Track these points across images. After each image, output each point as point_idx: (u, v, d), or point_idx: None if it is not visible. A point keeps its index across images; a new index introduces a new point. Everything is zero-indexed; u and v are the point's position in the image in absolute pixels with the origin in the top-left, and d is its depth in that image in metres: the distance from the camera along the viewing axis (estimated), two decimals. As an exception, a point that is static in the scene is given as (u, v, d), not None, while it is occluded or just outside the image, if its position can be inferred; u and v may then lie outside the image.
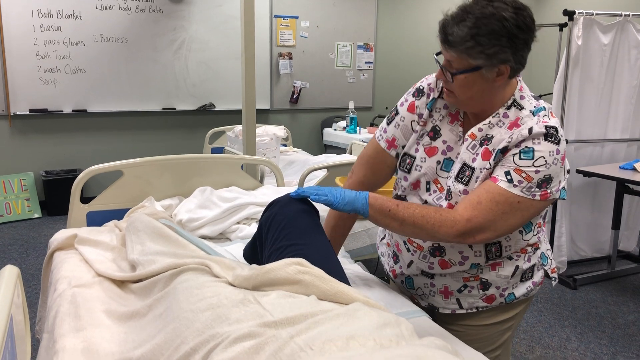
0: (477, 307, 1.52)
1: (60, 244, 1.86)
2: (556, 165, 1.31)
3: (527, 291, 1.52)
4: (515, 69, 1.32)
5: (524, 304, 1.58)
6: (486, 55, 1.27)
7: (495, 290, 1.49)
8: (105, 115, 5.39)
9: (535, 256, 1.51)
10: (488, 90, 1.34)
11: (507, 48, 1.26)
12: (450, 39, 1.28)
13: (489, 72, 1.30)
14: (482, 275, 1.47)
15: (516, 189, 1.30)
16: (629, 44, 3.71)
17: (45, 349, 1.33)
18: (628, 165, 3.44)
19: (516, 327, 1.64)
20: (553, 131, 1.30)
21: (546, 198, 1.32)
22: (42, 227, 4.77)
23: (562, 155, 1.32)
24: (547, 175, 1.30)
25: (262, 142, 3.72)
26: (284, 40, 5.96)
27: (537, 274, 1.53)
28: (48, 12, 4.93)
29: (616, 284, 3.67)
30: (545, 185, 1.31)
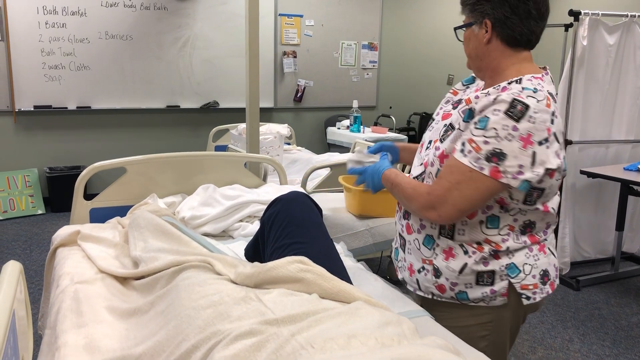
0: (431, 292, 1.50)
1: (63, 240, 1.87)
2: (510, 142, 1.26)
3: (484, 297, 1.43)
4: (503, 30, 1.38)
5: (492, 314, 1.47)
6: (469, 7, 1.41)
7: (445, 281, 1.46)
8: (109, 112, 5.40)
9: (498, 263, 1.41)
10: (481, 50, 1.42)
11: (486, 1, 1.37)
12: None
13: (478, 28, 1.41)
14: (435, 262, 1.46)
15: (466, 159, 1.30)
16: (635, 44, 3.70)
17: (47, 345, 1.33)
18: (632, 166, 3.43)
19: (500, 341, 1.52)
20: (520, 106, 1.26)
21: (497, 177, 1.28)
22: (45, 223, 4.78)
23: (523, 136, 1.26)
24: (498, 149, 1.27)
25: (266, 140, 3.72)
26: (288, 38, 5.96)
27: (499, 284, 1.41)
28: (53, 9, 4.94)
29: (619, 286, 3.66)
30: (495, 161, 1.27)
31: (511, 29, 1.37)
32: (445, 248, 1.44)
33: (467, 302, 1.45)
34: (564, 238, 3.74)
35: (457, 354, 0.94)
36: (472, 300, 1.44)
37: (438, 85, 6.87)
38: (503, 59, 1.41)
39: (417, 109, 6.82)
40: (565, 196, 3.70)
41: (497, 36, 1.38)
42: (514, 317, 1.48)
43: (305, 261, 1.20)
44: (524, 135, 1.26)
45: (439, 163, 1.40)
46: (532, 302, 1.43)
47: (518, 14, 1.35)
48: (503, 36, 1.38)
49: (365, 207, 2.37)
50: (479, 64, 1.45)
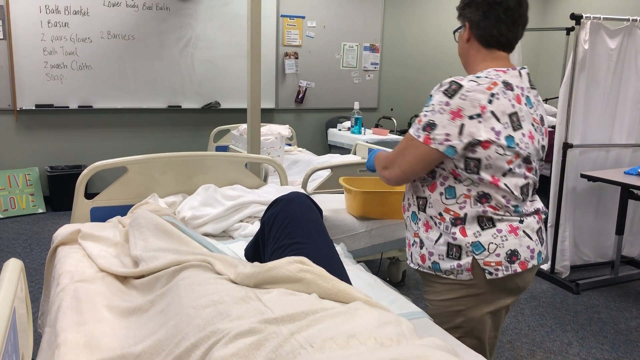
0: (417, 263, 1.68)
1: (63, 239, 1.87)
2: (442, 115, 1.49)
3: (452, 269, 1.58)
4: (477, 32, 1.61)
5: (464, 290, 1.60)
6: (459, 12, 1.67)
7: (425, 251, 1.64)
8: (110, 112, 5.41)
9: (464, 239, 1.55)
10: (462, 49, 1.69)
11: (468, 6, 1.62)
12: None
13: (463, 31, 1.67)
14: (420, 234, 1.66)
15: (412, 130, 1.56)
16: (636, 49, 3.70)
17: (47, 343, 1.33)
18: (633, 170, 3.43)
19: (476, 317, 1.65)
20: (454, 86, 1.49)
21: (428, 143, 1.51)
22: (46, 222, 4.79)
23: (453, 110, 1.48)
24: (431, 120, 1.50)
25: (267, 141, 3.73)
26: (290, 39, 5.97)
27: (465, 259, 1.56)
28: (55, 8, 4.95)
29: (619, 290, 3.66)
30: (428, 130, 1.51)
31: (483, 31, 1.60)
32: (424, 221, 1.65)
33: (440, 273, 1.62)
34: (564, 241, 3.74)
35: (455, 354, 0.94)
36: (443, 271, 1.61)
37: (439, 87, 6.86)
38: (478, 56, 1.65)
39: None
40: (566, 200, 3.70)
41: (473, 36, 1.63)
42: (489, 296, 1.61)
43: (305, 261, 1.20)
44: (454, 110, 1.48)
45: None
46: (494, 278, 1.56)
47: (489, 18, 1.58)
48: (477, 36, 1.62)
49: (366, 209, 2.38)
50: (463, 61, 1.71)
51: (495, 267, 1.56)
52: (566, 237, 3.74)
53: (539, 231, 1.63)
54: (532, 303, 3.41)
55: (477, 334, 1.65)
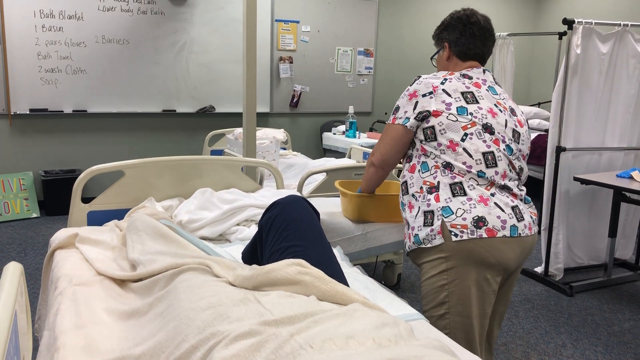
0: (407, 244, 1.88)
1: (61, 243, 1.88)
2: (402, 99, 1.86)
3: (427, 236, 1.76)
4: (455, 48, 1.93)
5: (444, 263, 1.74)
6: (435, 38, 2.01)
7: (409, 230, 1.85)
8: (105, 116, 5.41)
9: (436, 205, 1.75)
10: (443, 65, 2.00)
11: (444, 30, 1.96)
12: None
13: (443, 51, 1.98)
14: (404, 215, 1.90)
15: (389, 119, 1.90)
16: (628, 53, 3.74)
17: (46, 346, 1.34)
18: (625, 173, 3.46)
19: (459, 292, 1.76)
20: (415, 77, 1.88)
21: (394, 122, 1.87)
22: (40, 226, 4.78)
23: (411, 93, 1.84)
24: (397, 105, 1.89)
25: (262, 145, 3.74)
26: (284, 44, 5.99)
27: (436, 223, 1.74)
28: (50, 13, 4.95)
29: (612, 292, 3.69)
30: (395, 112, 1.88)
31: (461, 46, 1.93)
32: (407, 203, 1.87)
33: (421, 245, 1.78)
34: (558, 244, 3.77)
35: (452, 354, 0.96)
36: (422, 240, 1.78)
37: (433, 91, 6.90)
38: (455, 67, 1.96)
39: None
40: (559, 203, 3.73)
41: (453, 53, 1.95)
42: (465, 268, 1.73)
43: (304, 264, 1.21)
44: (411, 92, 1.85)
45: None
46: (459, 240, 1.70)
47: (465, 36, 1.91)
48: (456, 52, 1.94)
49: (361, 212, 2.39)
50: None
51: (460, 229, 1.71)
52: (559, 240, 3.77)
53: (514, 208, 1.76)
54: (526, 305, 3.43)
55: (461, 310, 1.74)
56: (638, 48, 3.74)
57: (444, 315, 1.75)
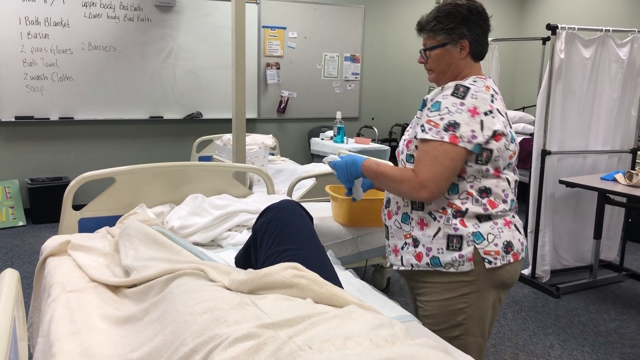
0: (411, 263, 1.70)
1: (52, 250, 1.87)
2: (461, 114, 1.54)
3: (453, 261, 1.62)
4: (475, 47, 1.68)
5: (466, 287, 1.64)
6: (447, 31, 1.66)
7: (422, 248, 1.67)
8: (92, 123, 5.39)
9: (465, 229, 1.61)
10: (455, 64, 1.69)
11: (463, 25, 1.65)
12: (421, 25, 1.73)
13: (453, 47, 1.68)
14: (413, 233, 1.69)
15: (428, 135, 1.56)
16: (610, 58, 3.81)
17: (42, 353, 1.34)
18: (609, 176, 3.52)
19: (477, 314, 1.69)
20: (462, 88, 1.58)
21: (456, 142, 1.53)
22: (26, 235, 4.74)
23: (470, 108, 1.55)
24: (452, 120, 1.54)
25: (251, 150, 3.75)
26: (271, 50, 6.01)
27: (466, 249, 1.61)
28: (36, 20, 4.93)
29: (598, 293, 3.74)
30: (452, 129, 1.54)
31: (481, 46, 1.70)
32: (418, 220, 1.68)
33: (439, 268, 1.64)
34: (544, 247, 3.82)
35: (447, 353, 0.98)
36: (443, 265, 1.64)
37: (419, 97, 6.97)
38: (469, 69, 1.71)
39: (399, 120, 6.91)
40: (545, 205, 3.78)
41: (469, 53, 1.69)
42: (487, 290, 1.67)
43: (299, 267, 1.23)
44: (471, 108, 1.55)
45: (406, 149, 1.68)
46: (493, 267, 1.63)
47: (484, 34, 1.69)
48: (474, 53, 1.69)
49: (352, 217, 2.41)
50: (450, 76, 1.72)
51: (494, 256, 1.63)
52: (546, 242, 3.82)
53: (522, 227, 1.75)
54: (514, 307, 3.47)
55: (477, 331, 1.69)
56: (619, 53, 3.81)
57: (458, 336, 1.69)
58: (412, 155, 1.66)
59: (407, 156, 1.68)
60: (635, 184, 3.29)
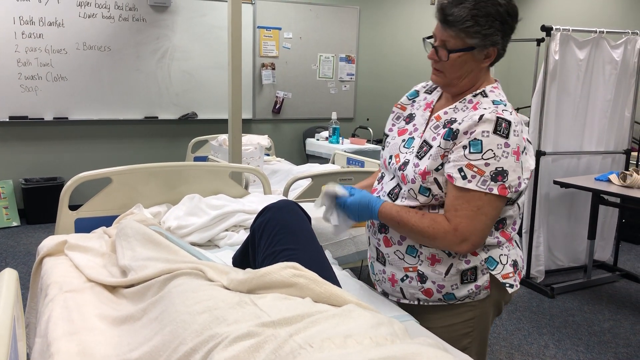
0: (417, 298, 1.56)
1: (49, 250, 1.87)
2: (507, 159, 1.36)
3: (470, 293, 1.51)
4: (499, 55, 1.46)
5: (474, 311, 1.55)
6: (482, 36, 1.39)
7: (431, 284, 1.52)
8: (86, 123, 5.37)
9: (477, 259, 1.48)
10: (475, 72, 1.46)
11: (499, 31, 1.40)
12: (450, 19, 1.39)
13: (479, 54, 1.43)
14: (420, 268, 1.52)
15: (472, 184, 1.36)
16: (604, 59, 3.84)
17: (39, 353, 1.34)
18: (603, 176, 3.54)
19: (481, 336, 1.61)
20: (504, 123, 1.36)
21: (505, 194, 1.37)
22: (20, 235, 4.72)
23: (515, 150, 1.36)
24: (499, 167, 1.36)
25: (247, 151, 3.75)
26: (267, 50, 6.02)
27: (482, 278, 1.50)
28: (30, 19, 4.91)
29: (592, 293, 3.76)
30: (500, 179, 1.36)
31: (504, 51, 1.47)
32: (429, 255, 1.51)
33: (454, 301, 1.53)
34: (539, 247, 3.84)
35: (446, 352, 0.98)
36: (458, 299, 1.52)
37: (414, 97, 6.97)
38: (483, 75, 1.51)
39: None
40: (539, 206, 3.80)
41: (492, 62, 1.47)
42: (495, 310, 1.58)
43: (298, 267, 1.23)
44: (515, 149, 1.37)
45: (421, 180, 1.46)
46: (515, 290, 1.52)
47: (508, 41, 1.46)
48: (498, 57, 1.47)
49: (348, 217, 2.41)
50: (465, 84, 1.50)
51: (513, 278, 1.54)
52: (540, 243, 3.84)
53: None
54: (509, 307, 3.48)
55: (479, 350, 1.62)
56: (613, 54, 3.84)
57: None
58: (428, 189, 1.46)
59: (421, 188, 1.47)
60: (629, 185, 3.32)
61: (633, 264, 4.35)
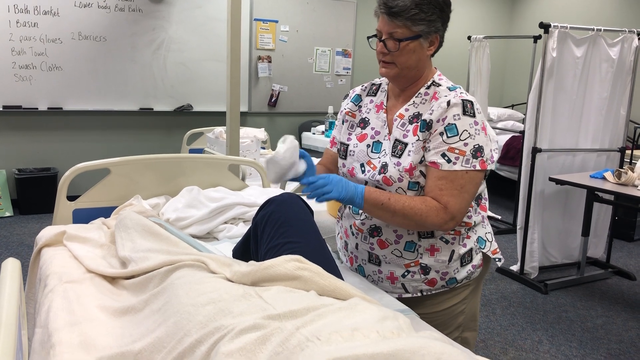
0: (420, 290, 1.63)
1: (48, 241, 1.86)
2: (480, 135, 1.47)
3: (468, 274, 1.63)
4: (440, 43, 1.55)
5: (468, 289, 1.68)
6: (427, 22, 1.48)
7: (435, 274, 1.61)
8: (81, 114, 5.34)
9: (471, 240, 1.61)
10: (423, 61, 1.55)
11: (440, 18, 1.50)
12: (395, 10, 1.48)
13: (425, 41, 1.52)
14: (422, 261, 1.59)
15: (457, 166, 1.47)
16: (601, 57, 3.85)
17: (40, 343, 1.33)
18: (598, 174, 3.56)
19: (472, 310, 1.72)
20: (468, 104, 1.47)
21: (485, 167, 1.49)
22: (14, 225, 4.69)
23: (482, 126, 1.48)
24: (476, 145, 1.47)
25: (243, 144, 3.74)
26: (263, 43, 5.99)
27: (476, 257, 1.63)
28: (25, 8, 4.87)
29: (585, 289, 3.79)
30: (479, 155, 1.47)
31: (443, 40, 1.57)
32: (428, 247, 1.59)
33: (454, 284, 1.63)
34: (533, 243, 3.86)
35: (452, 345, 0.99)
36: (459, 281, 1.63)
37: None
38: (428, 65, 1.60)
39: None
40: (534, 203, 3.82)
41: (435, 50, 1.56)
42: (481, 284, 1.73)
43: (302, 260, 1.23)
44: (482, 126, 1.49)
45: (408, 176, 1.53)
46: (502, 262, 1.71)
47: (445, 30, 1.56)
48: (439, 46, 1.57)
49: (347, 211, 2.42)
50: (415, 74, 1.57)
51: (499, 252, 1.69)
52: (535, 239, 3.86)
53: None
54: (503, 303, 3.51)
55: (472, 325, 1.72)
56: (610, 52, 3.86)
57: (456, 338, 1.69)
58: (416, 183, 1.53)
59: (410, 184, 1.53)
60: (623, 182, 3.34)
61: (625, 261, 4.39)
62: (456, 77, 6.74)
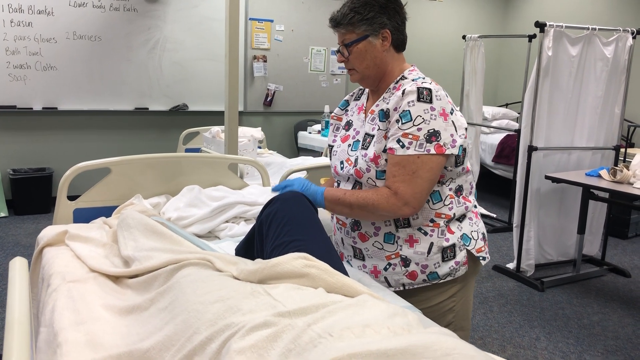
0: (402, 284, 1.66)
1: (49, 240, 1.85)
2: (436, 121, 1.49)
3: (451, 270, 1.63)
4: (397, 36, 1.62)
5: (456, 286, 1.67)
6: (367, 21, 1.57)
7: (415, 266, 1.63)
8: (76, 114, 5.31)
9: (454, 236, 1.61)
10: (380, 58, 1.62)
11: (382, 14, 1.58)
12: (337, 19, 1.62)
13: (375, 39, 1.59)
14: (402, 252, 1.63)
15: (410, 150, 1.50)
16: (596, 56, 3.88)
17: (46, 342, 1.33)
18: (594, 172, 3.59)
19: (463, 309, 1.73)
20: (425, 91, 1.51)
21: (442, 151, 1.50)
22: (8, 226, 4.66)
23: (441, 112, 1.50)
24: (431, 129, 1.49)
25: (241, 143, 3.74)
26: (258, 43, 5.99)
27: (460, 254, 1.63)
28: (19, 7, 4.84)
29: (581, 287, 3.82)
30: (434, 139, 1.49)
31: (402, 34, 1.64)
32: (406, 237, 1.62)
33: (437, 280, 1.64)
34: (529, 241, 3.88)
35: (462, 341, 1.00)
36: (441, 277, 1.63)
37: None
38: (393, 62, 1.65)
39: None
40: (530, 200, 3.84)
41: (392, 44, 1.62)
42: (470, 283, 1.72)
43: (309, 257, 1.24)
44: (441, 112, 1.50)
45: (374, 166, 1.58)
46: (487, 261, 1.68)
47: (403, 22, 1.64)
48: (395, 42, 1.63)
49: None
50: (376, 72, 1.64)
51: (485, 251, 1.69)
52: (531, 237, 3.88)
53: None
54: (500, 301, 3.52)
55: (464, 325, 1.73)
56: (605, 51, 3.88)
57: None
58: (384, 171, 1.58)
59: (377, 173, 1.58)
60: (619, 180, 3.36)
61: (620, 259, 4.42)
62: (451, 77, 6.76)
